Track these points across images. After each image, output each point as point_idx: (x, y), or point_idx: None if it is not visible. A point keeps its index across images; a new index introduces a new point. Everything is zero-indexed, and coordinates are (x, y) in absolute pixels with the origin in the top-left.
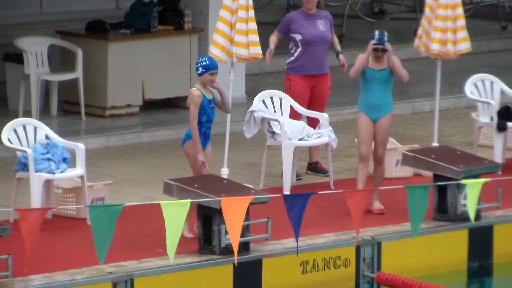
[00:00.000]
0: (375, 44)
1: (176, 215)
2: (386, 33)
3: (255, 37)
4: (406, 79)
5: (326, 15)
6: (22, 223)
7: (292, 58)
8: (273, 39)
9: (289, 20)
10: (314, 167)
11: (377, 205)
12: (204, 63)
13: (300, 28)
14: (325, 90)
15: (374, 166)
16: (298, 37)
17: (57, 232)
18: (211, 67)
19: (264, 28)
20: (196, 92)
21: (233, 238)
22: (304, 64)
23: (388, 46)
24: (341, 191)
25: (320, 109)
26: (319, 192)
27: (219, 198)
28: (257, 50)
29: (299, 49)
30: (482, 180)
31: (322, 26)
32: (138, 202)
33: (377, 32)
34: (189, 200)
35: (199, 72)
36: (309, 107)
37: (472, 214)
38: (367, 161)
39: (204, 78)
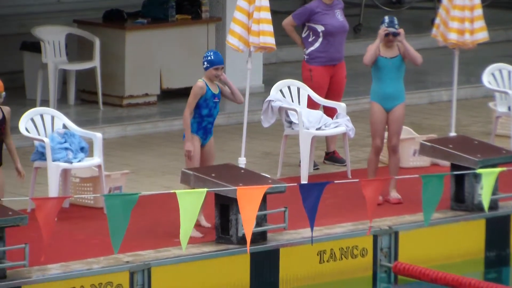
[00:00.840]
0: (386, 29)
1: (191, 204)
2: (395, 18)
3: (268, 27)
4: (420, 61)
5: (340, 3)
6: (38, 212)
7: (313, 48)
8: (293, 30)
9: (310, 11)
10: (331, 157)
11: (394, 195)
12: (209, 57)
13: (321, 19)
14: (342, 79)
15: (389, 156)
16: (320, 28)
17: (75, 222)
18: (215, 62)
19: (280, 17)
20: (200, 83)
21: (247, 227)
22: (326, 55)
23: (400, 29)
24: (357, 180)
25: (338, 98)
26: (335, 182)
27: (236, 187)
28: (268, 40)
29: (320, 39)
30: (497, 170)
31: (340, 16)
32: (155, 191)
33: (386, 17)
34: (205, 189)
35: (204, 66)
36: (327, 96)
37: (486, 204)
38: (380, 152)
39: (209, 73)
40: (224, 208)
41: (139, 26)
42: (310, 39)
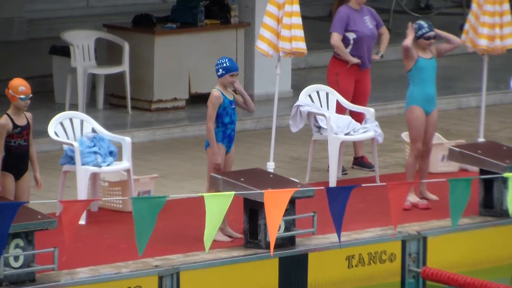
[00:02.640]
0: (427, 33)
1: (218, 206)
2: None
3: (299, 32)
4: (459, 41)
5: (370, 10)
6: (64, 214)
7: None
8: (342, 45)
9: (346, 17)
10: (360, 162)
11: (429, 196)
12: (224, 64)
13: (353, 26)
14: (368, 84)
15: (423, 159)
16: (351, 35)
17: (103, 225)
18: (231, 69)
19: (310, 22)
20: (216, 93)
21: (272, 230)
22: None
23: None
24: (384, 184)
25: (364, 103)
26: (362, 185)
27: (263, 191)
28: (300, 45)
29: (350, 47)
30: None
31: (369, 22)
32: (183, 195)
33: (423, 22)
34: (233, 193)
35: (219, 73)
36: (353, 101)
37: (510, 208)
38: (419, 156)
39: (224, 80)
40: (253, 213)
41: (168, 30)
42: None
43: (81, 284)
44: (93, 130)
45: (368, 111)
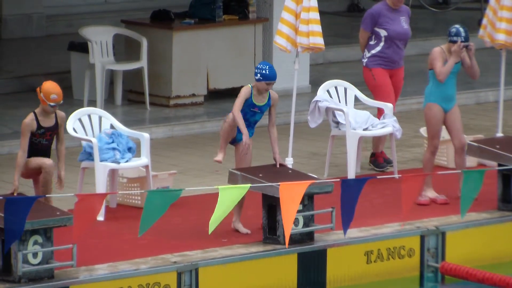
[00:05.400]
0: (464, 42)
1: (231, 196)
2: (467, 30)
3: (317, 27)
4: (478, 76)
5: (407, 10)
6: (77, 207)
7: (374, 51)
8: (363, 40)
9: (377, 15)
10: (373, 161)
11: (441, 195)
12: (263, 71)
13: (386, 24)
14: (400, 82)
15: (458, 155)
16: (383, 32)
17: (122, 221)
18: (269, 78)
19: (328, 17)
20: (247, 89)
21: (287, 222)
22: (386, 58)
23: (471, 43)
24: (397, 176)
25: (395, 100)
26: (378, 177)
27: (278, 184)
28: (317, 40)
29: (381, 43)
30: None
31: (405, 23)
32: (199, 188)
33: (462, 30)
34: (249, 185)
35: (257, 77)
36: None
37: None
38: (436, 152)
39: (260, 85)
40: (271, 209)
41: (186, 26)
42: (372, 42)
43: (99, 280)
44: (112, 126)
45: (386, 106)
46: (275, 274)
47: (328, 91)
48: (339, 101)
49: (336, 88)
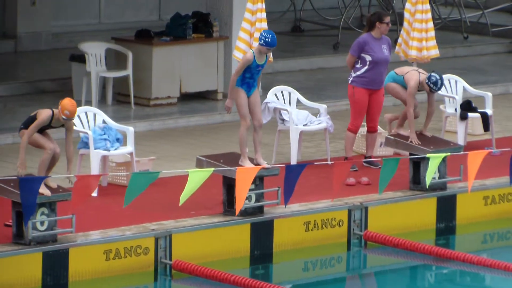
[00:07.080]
0: (433, 89)
1: (197, 178)
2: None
3: None
4: (432, 112)
5: (388, 40)
6: (76, 185)
7: (359, 72)
8: (350, 63)
9: (363, 43)
10: (368, 161)
11: (364, 178)
12: (266, 39)
13: (370, 50)
14: (380, 102)
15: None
16: (368, 57)
17: (111, 197)
18: (270, 44)
19: (276, 36)
20: (249, 56)
21: (239, 197)
22: (368, 79)
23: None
24: (332, 162)
25: (376, 117)
26: (315, 163)
27: (236, 168)
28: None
29: (365, 67)
30: (441, 155)
31: (386, 50)
32: (174, 171)
33: (439, 81)
34: (212, 169)
35: (260, 42)
36: (367, 115)
37: (428, 181)
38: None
39: (262, 49)
40: (230, 187)
41: (163, 42)
42: (358, 65)
43: (93, 243)
44: (104, 121)
45: (321, 107)
46: (233, 239)
47: (275, 94)
48: (284, 103)
49: (282, 92)
